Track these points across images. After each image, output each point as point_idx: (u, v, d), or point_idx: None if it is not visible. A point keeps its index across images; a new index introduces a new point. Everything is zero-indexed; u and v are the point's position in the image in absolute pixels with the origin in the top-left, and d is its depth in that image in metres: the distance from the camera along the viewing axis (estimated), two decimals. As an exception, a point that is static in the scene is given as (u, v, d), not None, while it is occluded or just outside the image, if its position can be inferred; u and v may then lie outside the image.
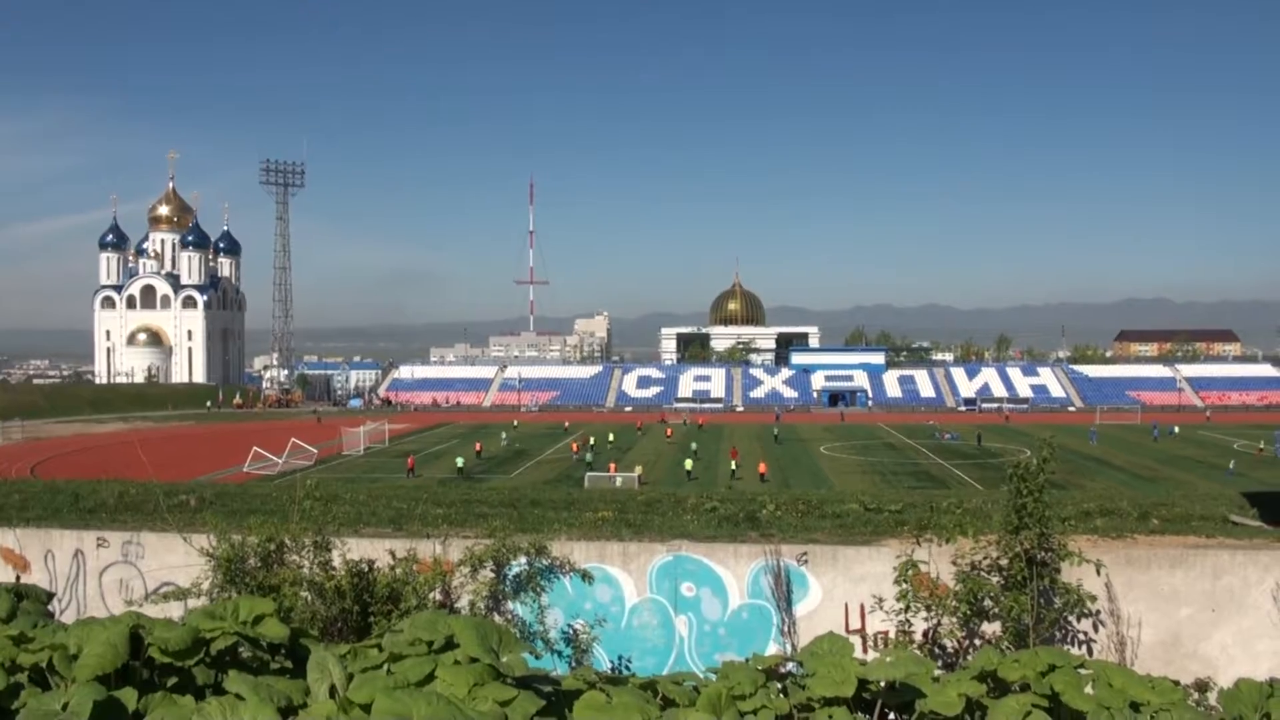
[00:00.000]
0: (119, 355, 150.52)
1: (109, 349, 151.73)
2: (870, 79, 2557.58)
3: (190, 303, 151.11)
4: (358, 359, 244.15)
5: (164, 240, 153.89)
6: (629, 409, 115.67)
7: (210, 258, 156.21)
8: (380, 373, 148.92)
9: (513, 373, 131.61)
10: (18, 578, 12.47)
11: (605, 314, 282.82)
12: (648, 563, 11.77)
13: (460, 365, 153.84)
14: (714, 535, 12.27)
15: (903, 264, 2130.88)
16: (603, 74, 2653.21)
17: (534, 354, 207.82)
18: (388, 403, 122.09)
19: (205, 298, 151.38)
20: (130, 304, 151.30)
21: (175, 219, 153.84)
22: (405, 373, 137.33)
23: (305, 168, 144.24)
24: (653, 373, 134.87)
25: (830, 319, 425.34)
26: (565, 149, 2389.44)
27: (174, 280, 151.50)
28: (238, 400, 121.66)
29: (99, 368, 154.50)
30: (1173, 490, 30.01)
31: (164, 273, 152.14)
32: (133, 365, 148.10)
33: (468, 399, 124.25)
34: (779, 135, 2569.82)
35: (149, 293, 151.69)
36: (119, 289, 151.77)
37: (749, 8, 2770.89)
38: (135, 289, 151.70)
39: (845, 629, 10.94)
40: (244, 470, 55.07)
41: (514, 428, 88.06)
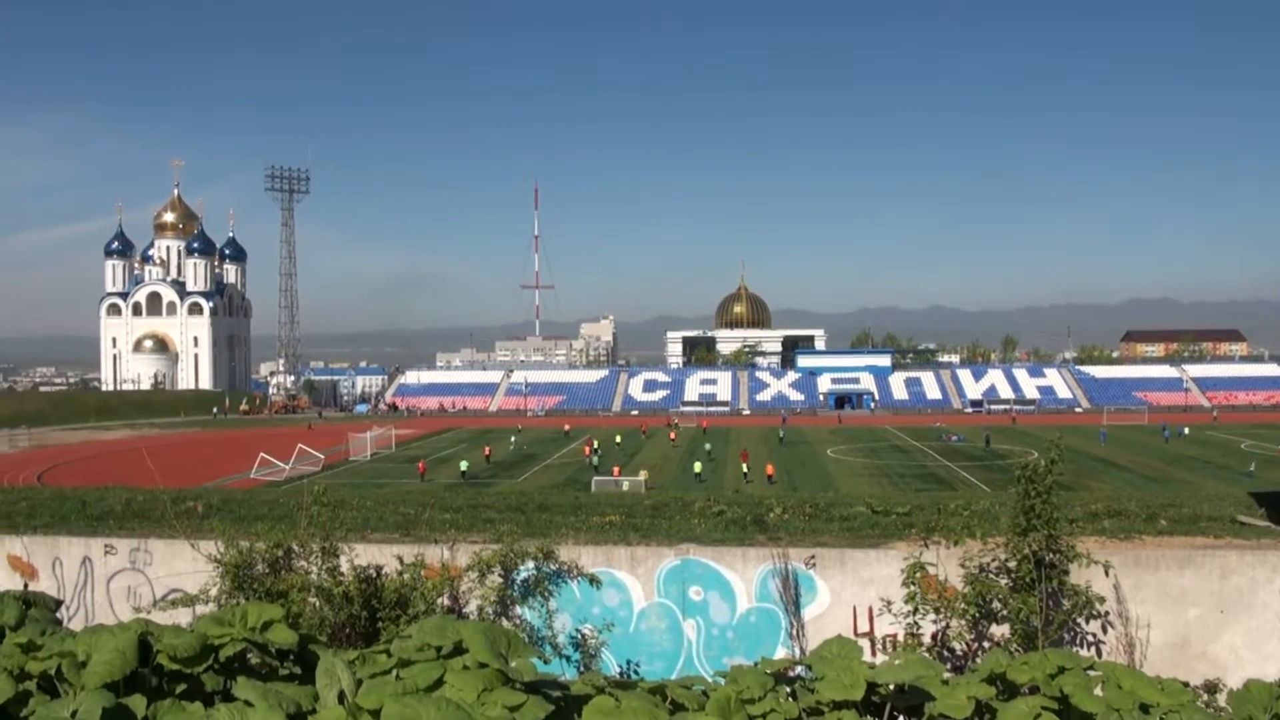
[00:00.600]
0: (125, 362, 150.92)
1: (115, 356, 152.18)
2: (875, 80, 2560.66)
3: (196, 309, 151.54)
4: (364, 364, 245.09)
5: (169, 247, 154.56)
6: (635, 412, 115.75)
7: (216, 264, 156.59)
8: (386, 378, 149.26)
9: (519, 377, 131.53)
10: (25, 585, 12.48)
11: (611, 318, 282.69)
12: (655, 567, 11.75)
13: (466, 370, 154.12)
14: (721, 539, 12.23)
15: (908, 266, 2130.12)
16: (606, 78, 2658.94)
17: (540, 358, 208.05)
18: (394, 408, 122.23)
19: (211, 304, 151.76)
20: (136, 311, 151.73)
21: (180, 226, 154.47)
22: (411, 378, 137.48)
23: (310, 174, 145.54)
24: (659, 376, 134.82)
25: (836, 321, 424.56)
26: (569, 154, 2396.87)
27: (180, 287, 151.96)
28: (244, 406, 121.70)
29: (105, 375, 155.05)
30: (1180, 491, 29.91)
31: (170, 279, 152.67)
32: (139, 372, 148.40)
33: (474, 404, 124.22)
34: (783, 138, 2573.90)
35: (155, 299, 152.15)
36: (125, 296, 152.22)
37: (753, 9, 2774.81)
38: (141, 296, 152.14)
39: (854, 632, 10.93)
40: (251, 476, 55.15)
41: (519, 432, 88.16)
